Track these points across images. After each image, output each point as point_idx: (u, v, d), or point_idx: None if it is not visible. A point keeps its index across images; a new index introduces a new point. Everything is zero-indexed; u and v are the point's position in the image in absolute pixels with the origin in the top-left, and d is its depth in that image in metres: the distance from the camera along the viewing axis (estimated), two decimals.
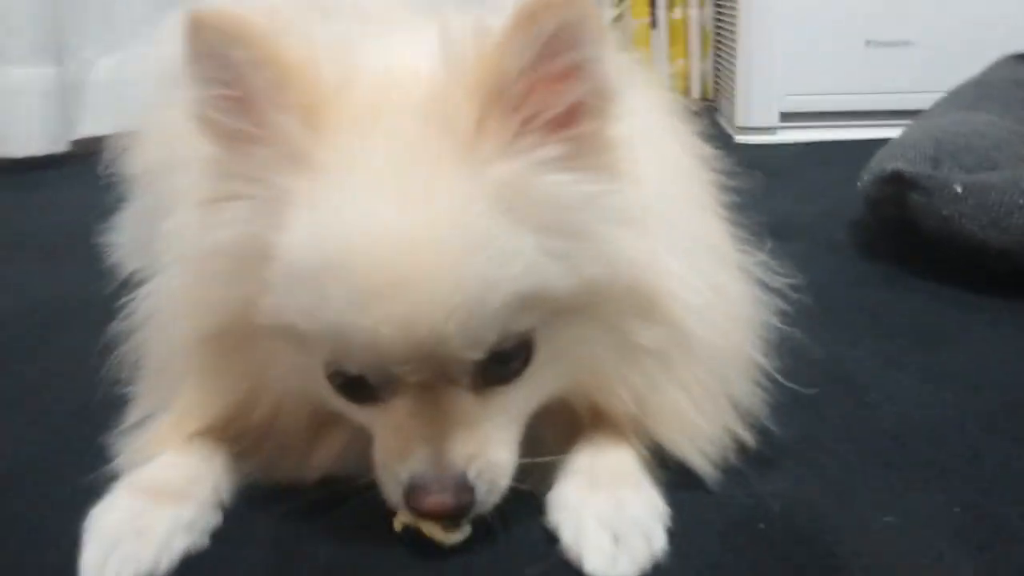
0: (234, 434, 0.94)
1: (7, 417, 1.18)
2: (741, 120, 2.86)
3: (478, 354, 0.80)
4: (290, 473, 0.94)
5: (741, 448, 0.97)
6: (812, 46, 2.76)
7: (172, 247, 0.94)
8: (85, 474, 0.94)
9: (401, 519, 0.87)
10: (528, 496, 0.89)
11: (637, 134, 0.87)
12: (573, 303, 0.83)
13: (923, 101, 2.20)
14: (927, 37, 2.74)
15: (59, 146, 2.58)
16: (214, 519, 0.91)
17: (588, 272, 0.83)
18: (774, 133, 2.81)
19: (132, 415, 0.99)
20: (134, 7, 2.64)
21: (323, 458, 0.94)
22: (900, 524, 0.90)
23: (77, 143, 2.60)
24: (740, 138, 2.85)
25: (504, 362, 0.83)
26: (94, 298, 1.46)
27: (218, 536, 0.90)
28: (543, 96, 0.79)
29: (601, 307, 0.86)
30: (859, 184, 1.72)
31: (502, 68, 0.77)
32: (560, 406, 0.92)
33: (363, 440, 0.89)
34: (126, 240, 1.61)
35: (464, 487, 0.82)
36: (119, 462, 0.95)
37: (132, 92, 1.66)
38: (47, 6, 2.53)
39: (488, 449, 0.83)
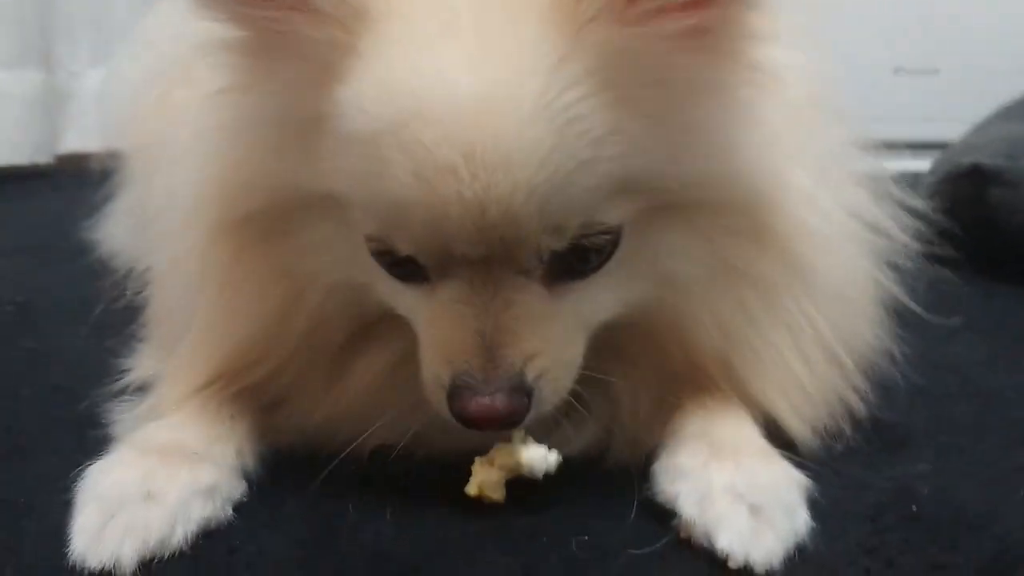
0: (260, 376, 0.77)
1: None
2: None
3: (558, 243, 0.65)
4: (324, 424, 0.77)
5: (865, 427, 0.81)
6: (838, 71, 2.65)
7: (194, 131, 0.79)
8: (69, 446, 0.79)
9: (477, 481, 0.70)
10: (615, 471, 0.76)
11: (773, 32, 0.71)
12: (673, 201, 0.69)
13: (951, 130, 2.08)
14: (955, 65, 2.65)
15: (43, 156, 2.41)
16: (238, 488, 0.74)
17: (697, 168, 0.68)
18: None
19: (137, 365, 0.85)
20: (125, 17, 2.50)
21: (358, 390, 0.77)
22: None
23: (62, 158, 2.44)
24: None
25: (584, 256, 0.68)
26: (75, 294, 1.30)
27: (241, 509, 0.73)
28: None
29: (704, 214, 0.71)
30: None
31: None
32: (648, 349, 0.76)
33: (401, 377, 0.75)
34: (119, 229, 1.45)
35: (519, 389, 0.66)
36: (118, 427, 0.79)
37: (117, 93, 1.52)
38: (34, 11, 2.39)
39: (552, 349, 0.68)
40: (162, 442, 0.73)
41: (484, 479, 0.71)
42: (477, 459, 0.72)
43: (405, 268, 0.68)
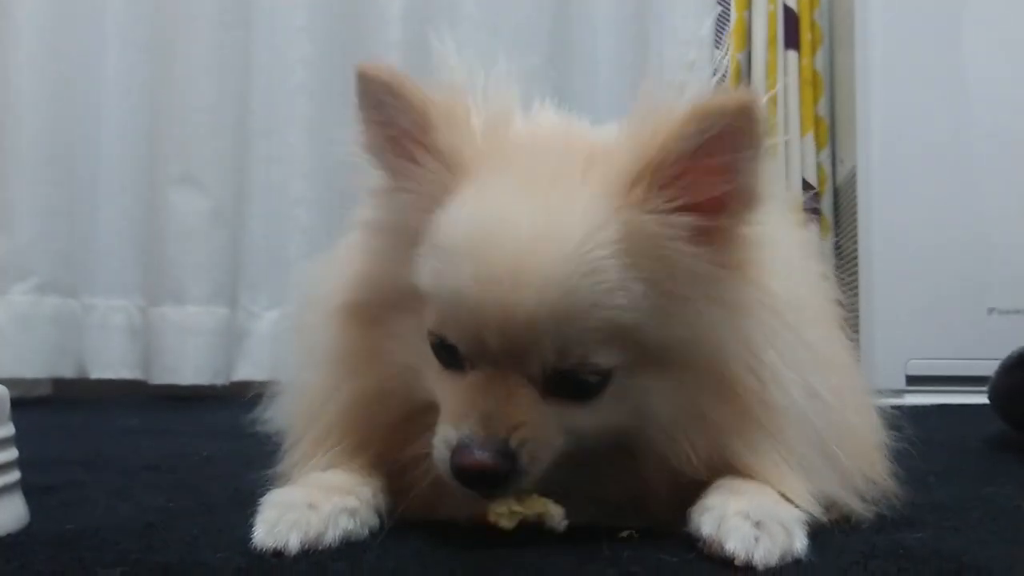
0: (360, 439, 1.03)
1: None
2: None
3: (560, 363, 0.89)
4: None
5: None
6: (934, 311, 2.83)
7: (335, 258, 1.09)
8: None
9: (495, 509, 0.93)
10: None
11: (768, 239, 0.96)
12: (656, 355, 0.92)
13: None
14: None
15: (221, 380, 2.79)
16: (373, 519, 0.98)
17: (678, 333, 0.91)
18: (901, 396, 2.83)
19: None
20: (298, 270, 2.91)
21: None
22: None
23: (235, 384, 2.81)
24: None
25: (578, 387, 0.91)
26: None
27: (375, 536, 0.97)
28: (692, 183, 0.89)
29: (676, 368, 0.93)
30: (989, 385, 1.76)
31: (667, 148, 0.89)
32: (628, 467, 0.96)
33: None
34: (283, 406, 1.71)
35: (504, 452, 0.88)
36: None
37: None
38: (226, 260, 2.85)
39: (533, 428, 0.90)
40: (319, 481, 0.99)
41: (501, 510, 0.92)
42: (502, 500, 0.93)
43: (450, 357, 0.93)
